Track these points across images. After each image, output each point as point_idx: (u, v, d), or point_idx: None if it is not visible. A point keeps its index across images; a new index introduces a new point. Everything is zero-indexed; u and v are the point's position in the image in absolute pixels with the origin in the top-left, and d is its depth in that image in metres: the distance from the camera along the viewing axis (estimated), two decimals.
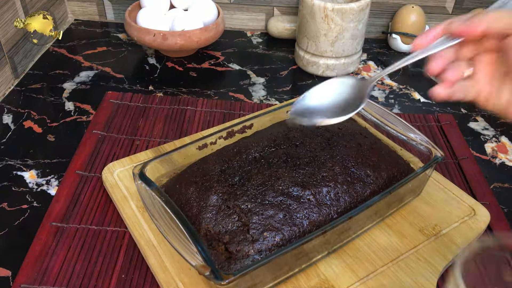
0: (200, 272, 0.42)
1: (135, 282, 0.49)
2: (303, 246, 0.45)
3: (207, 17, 0.88)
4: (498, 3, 0.43)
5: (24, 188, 0.60)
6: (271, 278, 0.47)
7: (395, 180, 0.55)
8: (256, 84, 0.84)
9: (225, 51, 0.94)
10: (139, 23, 0.85)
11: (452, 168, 0.65)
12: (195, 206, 0.49)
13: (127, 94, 0.77)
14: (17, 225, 0.56)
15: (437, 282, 0.49)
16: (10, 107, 0.75)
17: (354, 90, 0.46)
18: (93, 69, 0.86)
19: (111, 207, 0.57)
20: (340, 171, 0.53)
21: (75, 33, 0.98)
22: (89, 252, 0.52)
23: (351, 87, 0.47)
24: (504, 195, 0.63)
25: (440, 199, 0.58)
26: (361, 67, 0.90)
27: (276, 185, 0.50)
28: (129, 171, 0.60)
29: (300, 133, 0.57)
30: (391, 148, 0.60)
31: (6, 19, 0.77)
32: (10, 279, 0.49)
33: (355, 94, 0.46)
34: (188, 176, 0.53)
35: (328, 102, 0.47)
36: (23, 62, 0.84)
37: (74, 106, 0.76)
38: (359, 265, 0.50)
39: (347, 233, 0.51)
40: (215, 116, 0.73)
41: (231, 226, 0.47)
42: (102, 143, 0.67)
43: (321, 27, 0.80)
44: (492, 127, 0.75)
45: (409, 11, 0.92)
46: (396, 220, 0.56)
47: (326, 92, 0.47)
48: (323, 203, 0.50)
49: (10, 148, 0.67)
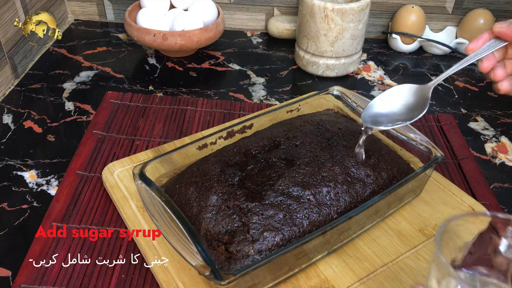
0: (200, 272, 0.42)
1: (135, 282, 0.49)
2: (303, 246, 0.45)
3: (207, 17, 0.88)
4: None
5: (24, 188, 0.60)
6: (271, 278, 0.47)
7: (395, 180, 0.55)
8: (256, 84, 0.84)
9: (225, 51, 0.94)
10: (139, 23, 0.85)
11: (452, 168, 0.65)
12: (195, 206, 0.49)
13: (127, 94, 0.77)
14: (17, 225, 0.56)
15: None
16: (10, 107, 0.75)
17: (417, 95, 0.51)
18: (93, 69, 0.86)
19: (111, 207, 0.57)
20: (340, 171, 0.53)
21: (75, 33, 0.98)
22: (89, 252, 0.52)
23: (414, 93, 0.52)
24: (504, 195, 0.63)
25: (440, 199, 0.58)
26: (361, 67, 0.90)
27: (276, 185, 0.50)
28: (129, 171, 0.60)
29: (300, 133, 0.57)
30: (391, 148, 0.60)
31: (6, 19, 0.77)
32: (10, 279, 0.49)
33: (418, 98, 0.51)
34: (188, 176, 0.53)
35: (394, 107, 0.52)
36: (23, 62, 0.84)
37: (74, 106, 0.76)
38: (359, 265, 0.50)
39: (347, 233, 0.51)
40: (215, 116, 0.73)
41: (231, 226, 0.47)
42: (102, 143, 0.67)
43: (321, 27, 0.80)
44: (492, 127, 0.75)
45: (409, 11, 0.92)
46: (396, 220, 0.56)
47: (392, 98, 0.52)
48: (323, 203, 0.50)
49: (10, 148, 0.67)
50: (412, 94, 0.52)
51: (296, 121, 0.61)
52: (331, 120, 0.61)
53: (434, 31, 0.99)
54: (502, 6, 0.96)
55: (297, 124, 0.60)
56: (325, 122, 0.60)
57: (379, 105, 0.53)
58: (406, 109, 0.51)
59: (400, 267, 0.50)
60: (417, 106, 0.51)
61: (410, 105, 0.51)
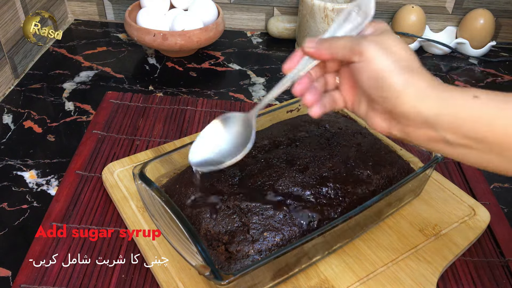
0: (200, 272, 0.42)
1: (135, 282, 0.49)
2: (303, 246, 0.45)
3: (207, 17, 0.88)
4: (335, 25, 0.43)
5: (24, 188, 0.60)
6: (271, 278, 0.47)
7: (395, 180, 0.55)
8: (256, 84, 0.84)
9: (225, 51, 0.94)
10: (139, 23, 0.85)
11: (452, 168, 0.65)
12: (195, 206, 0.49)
13: (127, 94, 0.77)
14: (17, 225, 0.56)
15: (437, 282, 0.49)
16: (10, 107, 0.75)
17: (242, 125, 0.47)
18: (93, 69, 0.86)
19: (111, 207, 0.57)
20: (340, 171, 0.53)
21: (75, 33, 0.98)
22: (89, 252, 0.52)
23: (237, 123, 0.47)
24: (504, 195, 0.63)
25: (440, 199, 0.58)
26: None
27: (276, 185, 0.50)
28: (129, 171, 0.60)
29: (300, 133, 0.57)
30: (391, 148, 0.60)
31: (6, 19, 0.77)
32: (10, 279, 0.49)
33: (244, 128, 0.47)
34: (188, 176, 0.53)
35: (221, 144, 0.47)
36: (23, 62, 0.84)
37: (74, 106, 0.76)
38: (359, 265, 0.50)
39: (347, 233, 0.51)
40: (215, 116, 0.73)
41: (231, 226, 0.47)
42: (102, 143, 0.67)
43: (321, 27, 0.80)
44: None
45: (409, 11, 0.92)
46: (396, 220, 0.56)
47: (217, 133, 0.47)
48: (323, 203, 0.50)
49: (10, 148, 0.67)
50: (236, 125, 0.47)
51: (296, 121, 0.61)
52: (331, 120, 0.61)
53: (434, 31, 0.99)
54: (502, 6, 0.96)
55: (297, 124, 0.60)
56: (325, 122, 0.60)
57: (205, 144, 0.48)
58: (233, 141, 0.47)
59: (400, 267, 0.50)
60: (243, 137, 0.46)
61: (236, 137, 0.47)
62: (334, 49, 0.40)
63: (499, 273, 0.52)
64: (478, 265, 0.53)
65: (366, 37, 0.39)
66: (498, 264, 0.53)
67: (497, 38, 0.99)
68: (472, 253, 0.54)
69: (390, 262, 0.51)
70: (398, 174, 0.55)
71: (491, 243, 0.55)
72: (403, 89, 0.36)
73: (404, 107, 0.37)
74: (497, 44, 0.98)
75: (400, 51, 0.38)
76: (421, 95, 0.36)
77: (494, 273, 0.52)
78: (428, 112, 0.36)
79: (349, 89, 0.43)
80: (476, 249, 0.54)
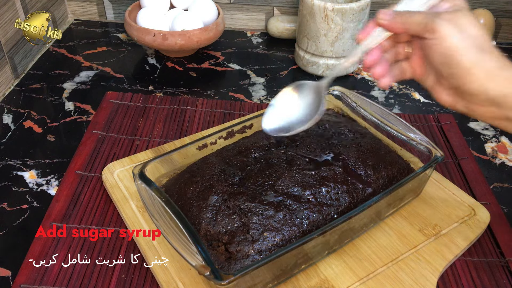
0: (200, 272, 0.42)
1: (135, 282, 0.49)
2: (303, 246, 0.45)
3: (207, 17, 0.88)
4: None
5: (24, 188, 0.60)
6: (271, 278, 0.47)
7: (395, 180, 0.55)
8: (256, 84, 0.84)
9: (225, 51, 0.94)
10: (139, 23, 0.85)
11: (452, 168, 0.65)
12: (195, 206, 0.49)
13: (127, 94, 0.77)
14: (17, 225, 0.56)
15: (437, 282, 0.49)
16: (10, 107, 0.75)
17: (313, 94, 0.48)
18: (93, 69, 0.86)
19: (111, 207, 0.57)
20: (340, 171, 0.53)
21: (75, 33, 0.98)
22: (89, 252, 0.52)
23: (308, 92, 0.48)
24: (504, 195, 0.63)
25: (440, 199, 0.58)
26: (361, 67, 0.90)
27: (276, 185, 0.50)
28: (129, 171, 0.60)
29: (300, 133, 0.57)
30: (391, 148, 0.60)
31: (6, 19, 0.77)
32: (10, 279, 0.49)
33: (314, 98, 0.48)
34: (188, 176, 0.53)
35: (293, 110, 0.48)
36: (23, 62, 0.84)
37: (74, 106, 0.76)
38: (359, 265, 0.50)
39: (347, 233, 0.51)
40: (215, 116, 0.73)
41: (231, 226, 0.47)
42: (102, 143, 0.67)
43: (321, 27, 0.80)
44: (492, 127, 0.75)
45: None
46: (396, 220, 0.56)
47: (290, 99, 0.48)
48: (323, 203, 0.50)
49: (10, 148, 0.67)
50: (307, 93, 0.48)
51: None
52: (331, 120, 0.61)
53: None
54: (502, 6, 0.96)
55: None
56: (325, 122, 0.60)
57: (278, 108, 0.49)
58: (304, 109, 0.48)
59: (400, 267, 0.50)
60: (313, 106, 0.47)
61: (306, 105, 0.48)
62: (408, 24, 0.41)
63: (499, 273, 0.52)
64: (478, 265, 0.52)
65: (440, 14, 0.40)
66: (498, 264, 0.53)
67: (497, 38, 0.99)
68: (472, 253, 0.54)
69: (390, 262, 0.51)
70: (398, 174, 0.55)
71: (491, 243, 0.55)
72: (473, 68, 0.37)
73: (472, 85, 0.38)
74: (497, 44, 0.98)
75: (473, 30, 0.38)
76: (490, 75, 0.37)
77: (494, 273, 0.52)
78: (496, 92, 0.37)
79: (419, 60, 0.44)
80: (476, 249, 0.54)
